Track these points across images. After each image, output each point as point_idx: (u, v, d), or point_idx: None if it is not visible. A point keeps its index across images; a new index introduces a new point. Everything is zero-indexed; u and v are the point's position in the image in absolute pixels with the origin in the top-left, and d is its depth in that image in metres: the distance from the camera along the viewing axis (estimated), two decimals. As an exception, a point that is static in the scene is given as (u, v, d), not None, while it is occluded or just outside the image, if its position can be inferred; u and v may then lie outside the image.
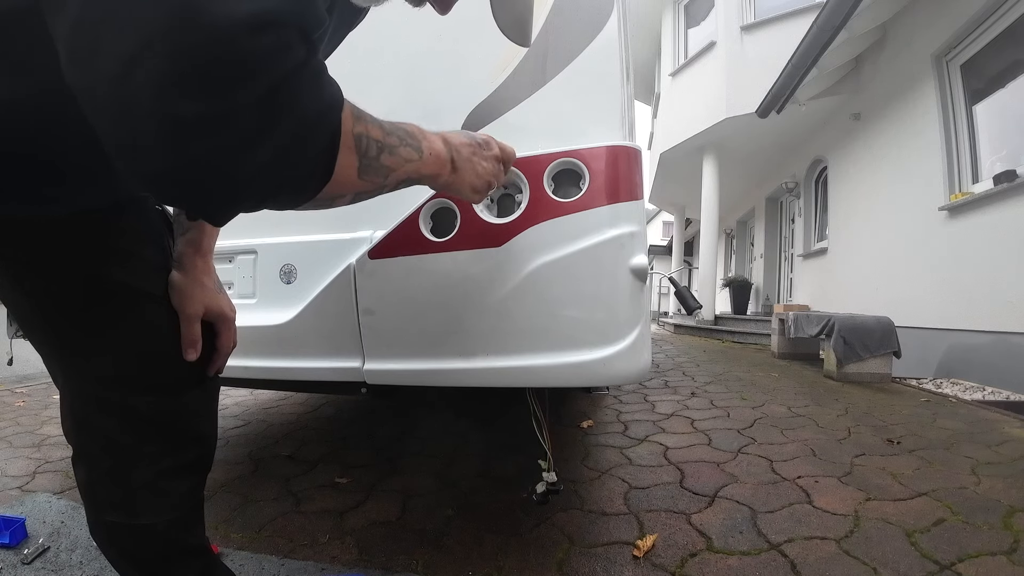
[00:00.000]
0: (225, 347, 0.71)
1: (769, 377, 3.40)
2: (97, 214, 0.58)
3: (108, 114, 0.32)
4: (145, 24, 0.29)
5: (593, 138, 1.02)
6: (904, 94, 4.37)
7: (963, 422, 2.23)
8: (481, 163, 0.68)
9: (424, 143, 0.57)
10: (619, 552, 1.14)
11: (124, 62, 0.30)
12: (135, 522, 0.62)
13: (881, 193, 4.76)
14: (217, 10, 0.30)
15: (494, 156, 0.72)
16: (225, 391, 2.81)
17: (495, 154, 0.72)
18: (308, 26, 0.36)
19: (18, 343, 1.35)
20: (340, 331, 1.10)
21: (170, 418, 0.63)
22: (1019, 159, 3.24)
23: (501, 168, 0.74)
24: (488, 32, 1.09)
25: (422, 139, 0.57)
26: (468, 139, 0.68)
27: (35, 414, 2.46)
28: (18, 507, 1.38)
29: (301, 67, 0.35)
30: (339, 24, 0.58)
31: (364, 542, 1.20)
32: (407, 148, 0.53)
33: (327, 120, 0.40)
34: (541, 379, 0.99)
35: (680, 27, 7.76)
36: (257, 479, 1.60)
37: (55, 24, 0.34)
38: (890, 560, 1.07)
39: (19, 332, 0.63)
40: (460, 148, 0.65)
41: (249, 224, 0.97)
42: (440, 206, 1.04)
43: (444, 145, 0.61)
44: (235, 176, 0.35)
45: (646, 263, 0.97)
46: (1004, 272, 3.16)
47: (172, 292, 0.64)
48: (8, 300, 0.61)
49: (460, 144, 0.65)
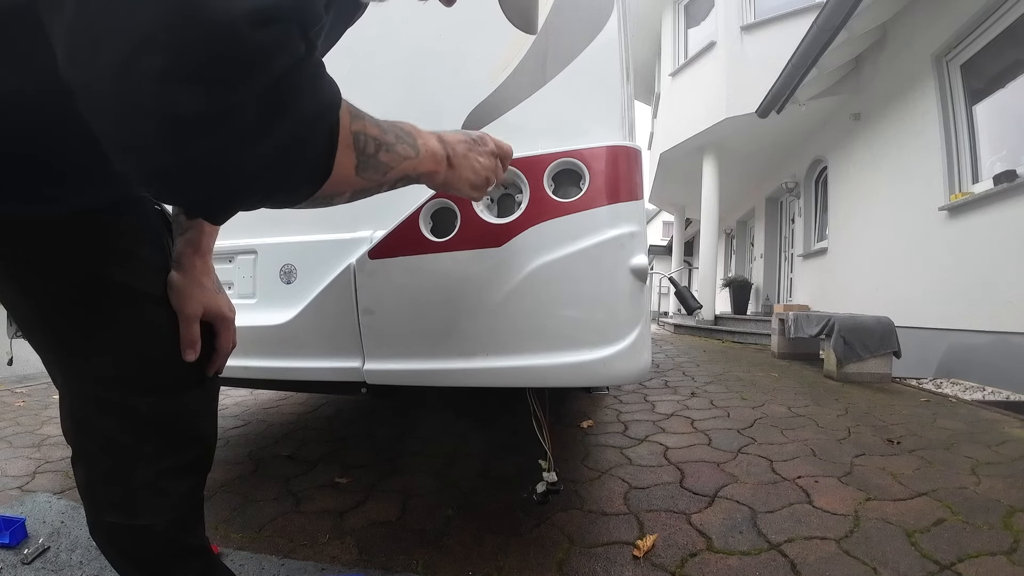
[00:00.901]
0: (224, 347, 0.71)
1: (769, 377, 3.40)
2: (97, 214, 0.58)
3: (107, 112, 0.32)
4: (144, 20, 0.29)
5: (593, 138, 1.02)
6: (904, 94, 4.37)
7: (963, 422, 2.23)
8: (478, 159, 0.68)
9: (420, 140, 0.57)
10: (619, 552, 1.14)
11: (123, 59, 0.30)
12: (135, 522, 0.62)
13: (881, 193, 4.76)
14: (217, 6, 0.29)
15: (490, 152, 0.72)
16: (225, 391, 2.81)
17: (491, 150, 0.72)
18: (307, 22, 0.36)
19: (18, 343, 1.35)
20: (340, 331, 1.10)
21: (170, 418, 0.63)
22: (1019, 159, 3.24)
23: (499, 164, 0.74)
24: (488, 32, 1.10)
25: (417, 137, 0.57)
26: (463, 136, 0.68)
27: (35, 414, 2.46)
28: (18, 507, 1.38)
29: (300, 64, 0.35)
30: (336, 20, 0.58)
31: (364, 542, 1.20)
32: (404, 145, 0.53)
33: (326, 118, 0.40)
34: (541, 379, 0.99)
35: (680, 27, 7.76)
36: (257, 479, 1.60)
37: (52, 23, 0.33)
38: (890, 560, 1.07)
39: (19, 332, 0.63)
40: (455, 145, 0.65)
41: (249, 224, 0.97)
42: (440, 206, 1.04)
43: (439, 143, 0.62)
44: (234, 174, 0.35)
45: (646, 263, 0.97)
46: (1004, 272, 3.16)
47: (171, 292, 0.64)
48: (8, 300, 0.61)
49: (455, 141, 0.65)
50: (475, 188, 0.69)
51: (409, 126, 0.57)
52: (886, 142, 4.70)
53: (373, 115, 0.49)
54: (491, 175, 0.71)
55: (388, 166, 0.51)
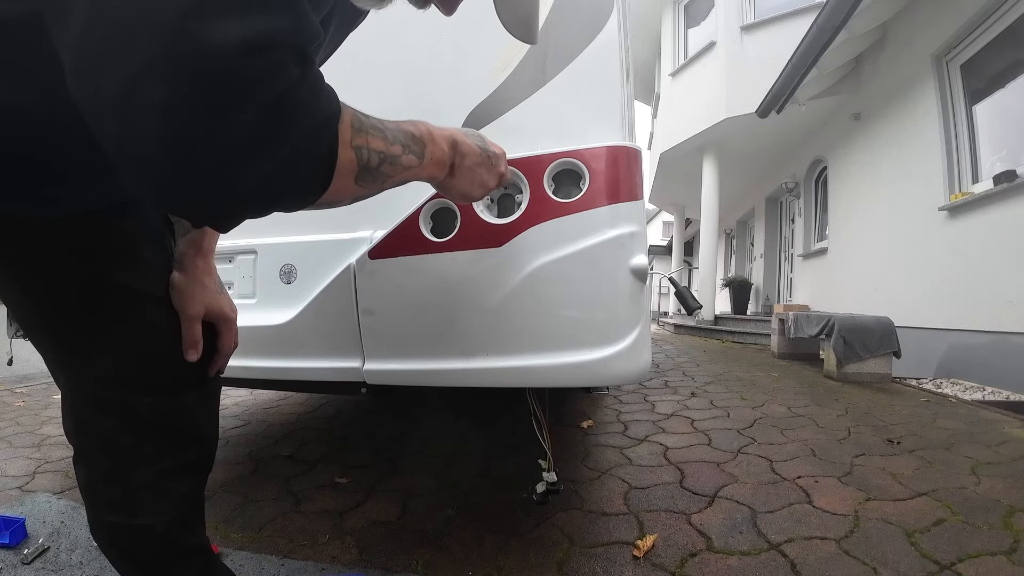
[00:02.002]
0: (226, 347, 0.71)
1: (769, 377, 3.40)
2: (98, 215, 0.58)
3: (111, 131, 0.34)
4: (144, 49, 0.31)
5: (593, 138, 1.02)
6: (904, 94, 4.37)
7: (963, 422, 2.23)
8: (483, 175, 0.68)
9: (428, 148, 0.57)
10: (619, 552, 1.14)
11: (125, 84, 0.31)
12: (135, 522, 0.62)
13: (881, 193, 4.76)
14: (212, 34, 0.31)
15: (499, 173, 0.72)
16: (225, 391, 2.81)
17: (500, 171, 0.72)
18: (303, 42, 0.37)
19: (18, 343, 1.35)
20: (340, 331, 1.10)
21: (170, 418, 0.63)
22: (1019, 159, 3.24)
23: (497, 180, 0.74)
24: (488, 32, 1.10)
25: (427, 143, 0.57)
26: (480, 149, 0.67)
27: (35, 414, 2.46)
28: (18, 507, 1.38)
29: (296, 85, 0.36)
30: (339, 26, 0.58)
31: (364, 542, 1.20)
32: (410, 156, 0.54)
33: (324, 133, 0.41)
34: (541, 379, 0.99)
35: (680, 27, 7.76)
36: (257, 479, 1.60)
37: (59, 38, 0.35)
38: (890, 560, 1.07)
39: (19, 332, 0.64)
40: (466, 155, 0.64)
41: (249, 224, 0.96)
42: (440, 206, 1.04)
43: (450, 150, 0.61)
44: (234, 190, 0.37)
45: (646, 263, 0.97)
46: (1004, 272, 3.16)
47: (173, 293, 0.64)
48: (8, 300, 0.61)
49: (468, 151, 0.65)
50: (464, 198, 0.70)
51: (423, 129, 0.57)
52: (886, 142, 4.70)
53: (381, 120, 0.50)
54: (486, 192, 0.72)
55: (388, 175, 0.51)
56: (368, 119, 0.48)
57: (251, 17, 0.32)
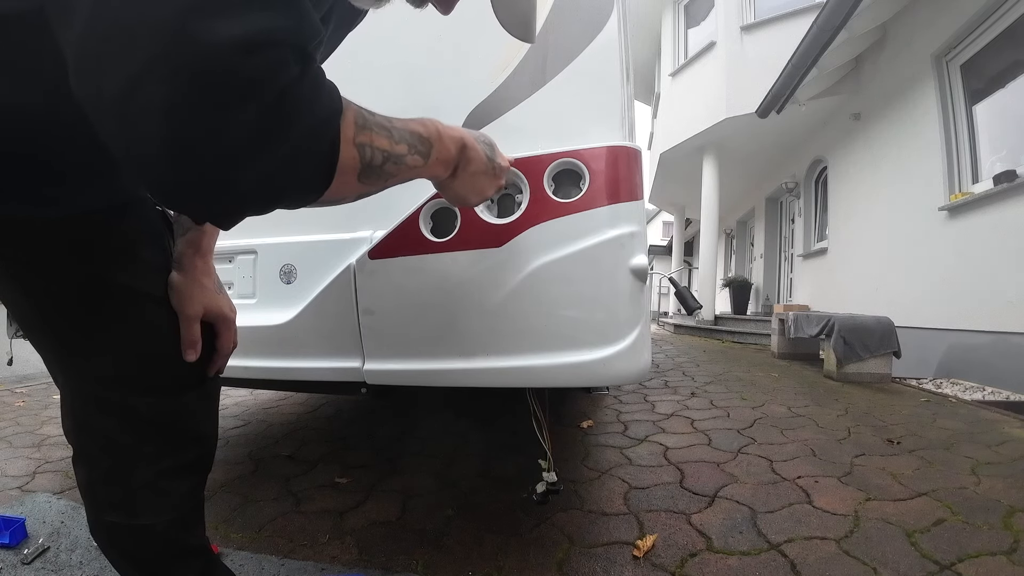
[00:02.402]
0: (225, 348, 0.71)
1: (769, 377, 3.40)
2: (98, 215, 0.58)
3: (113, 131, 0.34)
4: (144, 49, 0.31)
5: (593, 138, 1.02)
6: (904, 94, 4.37)
7: (963, 422, 2.23)
8: (483, 183, 0.69)
9: (435, 148, 0.57)
10: (619, 552, 1.14)
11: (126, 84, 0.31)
12: (135, 522, 0.62)
13: (881, 193, 4.76)
14: (212, 33, 0.31)
15: (499, 184, 0.73)
16: (225, 391, 2.81)
17: (500, 184, 0.73)
18: (304, 40, 0.37)
19: (18, 343, 1.35)
20: (340, 331, 1.10)
21: (170, 418, 0.63)
22: (1019, 159, 3.24)
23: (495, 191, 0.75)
24: (488, 32, 1.10)
25: (435, 143, 0.57)
26: (487, 158, 0.67)
27: (35, 414, 2.46)
28: (18, 507, 1.38)
29: (297, 82, 0.36)
30: (338, 25, 0.58)
31: (364, 542, 1.20)
32: (415, 156, 0.53)
33: (325, 131, 0.41)
34: (541, 379, 0.99)
35: (680, 27, 7.76)
36: (257, 479, 1.60)
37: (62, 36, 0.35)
38: (890, 560, 1.07)
39: (19, 332, 0.63)
40: (471, 160, 0.64)
41: (249, 224, 0.96)
42: (440, 206, 1.04)
43: (457, 152, 0.61)
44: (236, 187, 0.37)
45: (646, 263, 0.97)
46: (1004, 272, 3.16)
47: (172, 293, 0.64)
48: (8, 300, 0.61)
49: (475, 157, 0.65)
50: (459, 201, 0.70)
51: (432, 129, 0.56)
52: (886, 142, 4.70)
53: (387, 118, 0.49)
54: (481, 200, 0.72)
55: (392, 174, 0.51)
56: (373, 116, 0.47)
57: (252, 15, 0.32)
